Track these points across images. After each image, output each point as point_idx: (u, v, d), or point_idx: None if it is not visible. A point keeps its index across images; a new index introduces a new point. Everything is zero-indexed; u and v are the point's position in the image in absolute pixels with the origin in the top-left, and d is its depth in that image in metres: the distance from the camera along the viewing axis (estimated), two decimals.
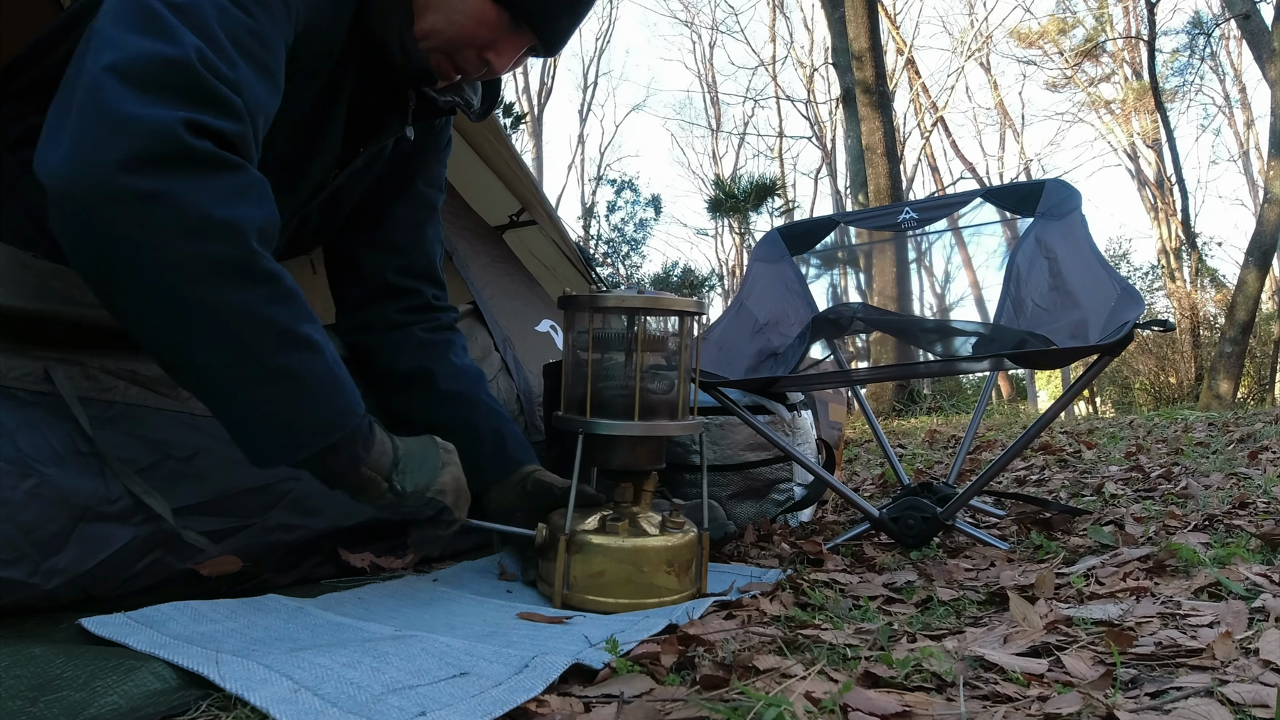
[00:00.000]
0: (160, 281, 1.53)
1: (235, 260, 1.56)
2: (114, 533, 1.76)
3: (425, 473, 1.99)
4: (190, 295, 1.55)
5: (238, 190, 1.57)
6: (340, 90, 2.11)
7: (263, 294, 1.61)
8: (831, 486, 2.79)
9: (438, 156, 2.59)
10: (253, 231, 1.58)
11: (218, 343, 1.60)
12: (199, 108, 1.53)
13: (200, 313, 1.57)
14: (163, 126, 1.47)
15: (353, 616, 1.84)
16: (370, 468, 1.88)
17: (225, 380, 1.65)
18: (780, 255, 3.69)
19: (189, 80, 1.53)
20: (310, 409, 1.72)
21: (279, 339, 1.64)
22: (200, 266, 1.53)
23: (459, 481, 2.07)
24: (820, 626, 1.76)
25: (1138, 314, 2.37)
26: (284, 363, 1.65)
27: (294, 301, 1.67)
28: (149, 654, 1.42)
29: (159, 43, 1.52)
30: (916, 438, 7.84)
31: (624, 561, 2.06)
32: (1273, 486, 3.16)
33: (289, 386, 1.67)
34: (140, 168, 1.46)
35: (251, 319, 1.60)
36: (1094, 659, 1.47)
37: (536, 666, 1.46)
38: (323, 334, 1.74)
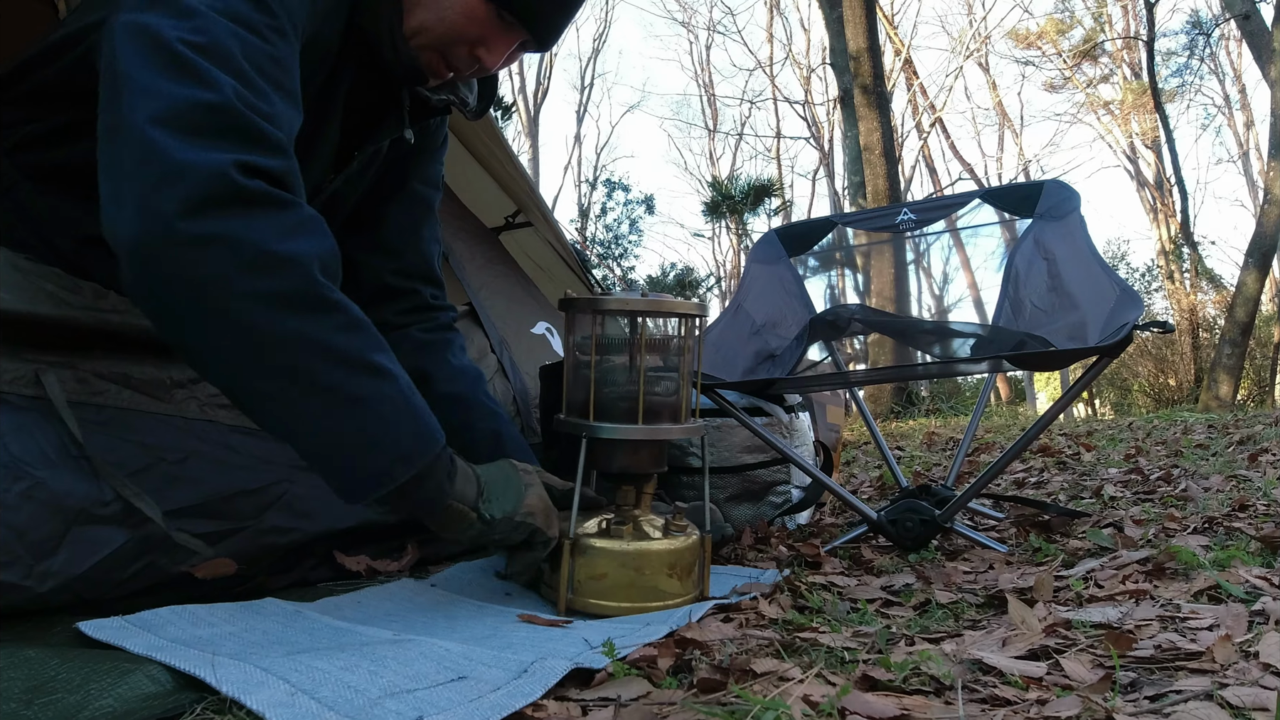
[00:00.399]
0: (228, 321, 1.55)
1: (299, 292, 1.59)
2: (107, 536, 1.76)
3: (510, 498, 2.00)
4: (259, 330, 1.57)
5: (294, 226, 1.60)
6: (336, 92, 2.11)
7: (330, 323, 1.63)
8: (829, 489, 2.79)
9: (433, 156, 2.59)
10: (314, 263, 1.61)
11: (292, 375, 1.62)
12: (246, 149, 1.56)
13: (270, 346, 1.59)
14: (215, 171, 1.50)
15: (351, 620, 1.84)
16: (457, 499, 1.89)
17: (304, 413, 1.67)
18: (778, 256, 3.69)
19: (233, 123, 1.56)
20: (391, 438, 1.73)
21: (351, 367, 1.66)
22: (265, 301, 1.55)
23: (545, 501, 2.07)
24: (818, 629, 1.76)
25: (1137, 315, 2.38)
26: (359, 390, 1.67)
27: (363, 330, 1.69)
28: (145, 657, 1.42)
29: (196, 89, 1.55)
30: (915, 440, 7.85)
31: (627, 565, 2.06)
32: (1273, 489, 3.16)
33: (365, 415, 1.69)
34: (199, 212, 1.49)
35: (320, 348, 1.62)
36: (1093, 662, 1.47)
37: (535, 671, 1.46)
38: (395, 362, 1.76)
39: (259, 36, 1.68)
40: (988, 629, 1.74)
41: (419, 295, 2.57)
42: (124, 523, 1.78)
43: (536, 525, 2.02)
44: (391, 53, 2.07)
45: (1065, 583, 2.06)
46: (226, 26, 1.63)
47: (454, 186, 3.90)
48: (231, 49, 1.61)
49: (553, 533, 2.07)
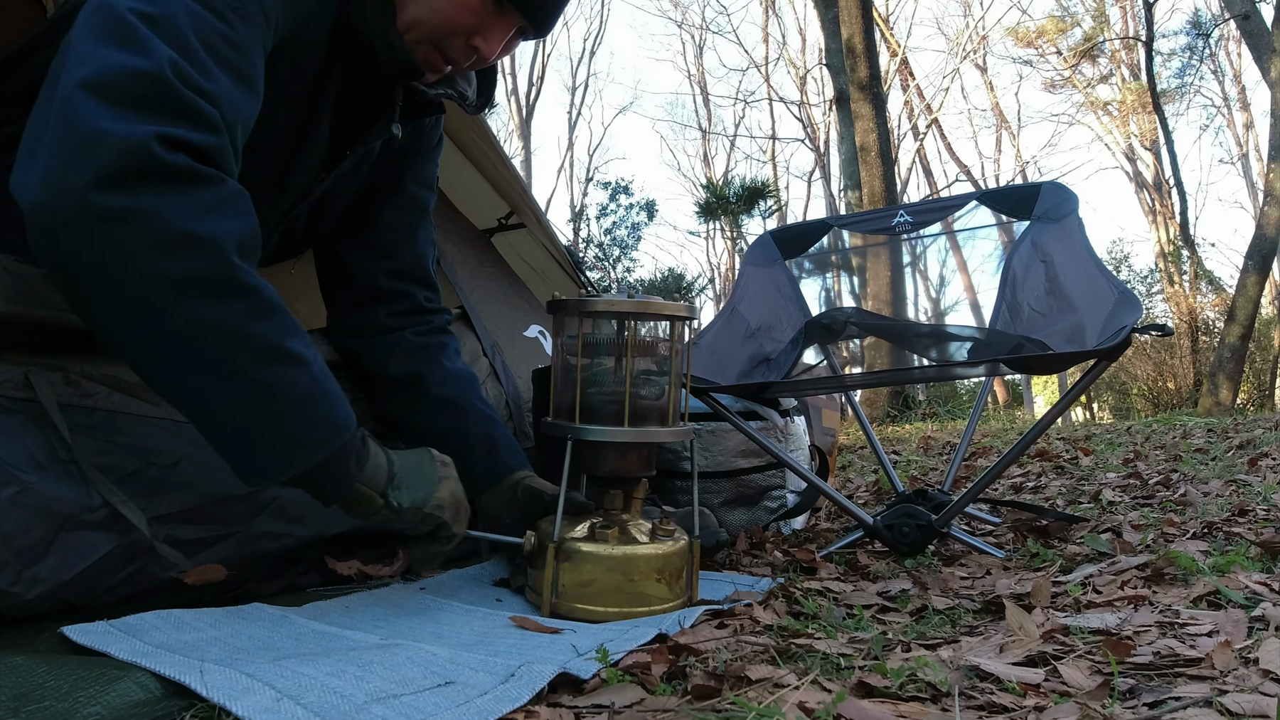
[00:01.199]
0: (137, 299, 1.54)
1: (213, 275, 1.56)
2: (96, 541, 1.76)
3: (422, 488, 1.99)
4: (168, 312, 1.55)
5: (214, 204, 1.57)
6: (326, 92, 2.10)
7: (242, 309, 1.61)
8: (825, 493, 2.79)
9: (428, 156, 2.58)
10: (231, 245, 1.58)
11: (198, 359, 1.61)
12: (172, 121, 1.54)
13: (179, 329, 1.57)
14: (134, 142, 1.48)
15: (338, 625, 1.84)
16: (364, 484, 1.88)
17: (208, 397, 1.66)
18: (773, 259, 3.70)
19: (162, 93, 1.54)
20: (297, 425, 1.72)
21: (260, 354, 1.64)
22: (177, 282, 1.53)
23: (456, 495, 2.07)
24: (813, 635, 1.76)
25: (1135, 318, 2.38)
26: (267, 378, 1.65)
27: (276, 315, 1.67)
28: (132, 663, 1.42)
29: (131, 55, 1.53)
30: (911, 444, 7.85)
31: (614, 570, 2.05)
32: (1272, 494, 3.17)
33: (273, 402, 1.67)
34: (113, 185, 1.47)
35: (231, 334, 1.60)
36: (1091, 668, 1.47)
37: (523, 676, 1.46)
38: (309, 348, 1.74)
39: (218, 16, 1.67)
40: (985, 635, 1.74)
41: (413, 298, 2.56)
42: (112, 528, 1.78)
43: (443, 519, 2.03)
44: (386, 50, 2.05)
45: (1063, 588, 2.06)
46: (184, 3, 1.63)
47: (445, 188, 3.89)
48: (182, 24, 1.60)
49: (459, 529, 2.08)
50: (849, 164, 17.49)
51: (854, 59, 16.09)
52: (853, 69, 16.14)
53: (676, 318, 2.26)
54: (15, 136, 1.82)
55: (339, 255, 2.52)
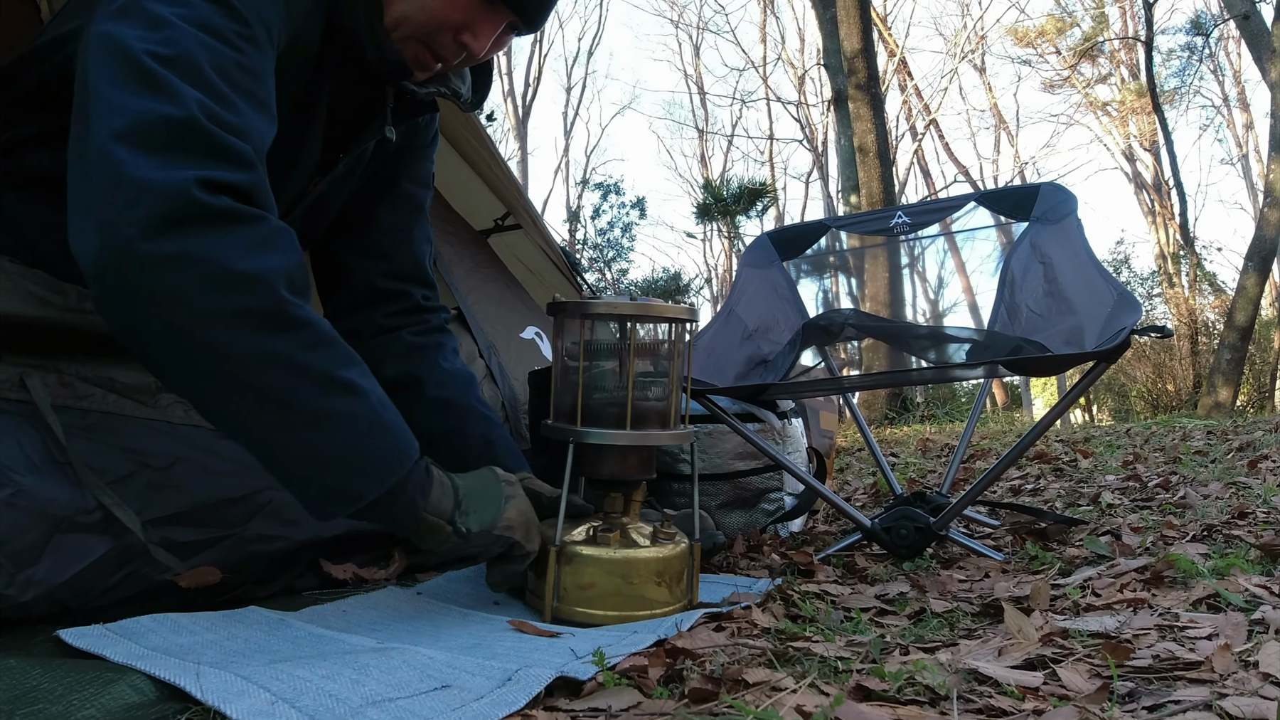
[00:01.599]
0: (195, 341, 1.56)
1: (265, 310, 1.58)
2: (91, 544, 1.76)
3: (489, 510, 1.99)
4: (224, 349, 1.57)
5: (259, 242, 1.59)
6: (319, 95, 2.11)
7: (297, 341, 1.63)
8: (822, 496, 2.79)
9: (423, 154, 2.58)
10: (280, 280, 1.60)
11: (259, 394, 1.63)
12: (210, 163, 1.56)
13: (236, 365, 1.59)
14: (176, 188, 1.50)
15: (334, 629, 1.84)
16: (432, 512, 1.88)
17: (271, 432, 1.68)
18: (770, 260, 3.69)
19: (196, 137, 1.55)
20: (360, 454, 1.73)
21: (319, 385, 1.65)
22: (230, 319, 1.56)
23: (524, 514, 2.06)
24: (811, 639, 1.76)
25: (1135, 320, 2.38)
26: (327, 408, 1.67)
27: (332, 346, 1.69)
28: (127, 666, 1.42)
29: (160, 103, 1.54)
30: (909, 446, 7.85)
31: (614, 573, 2.05)
32: (1272, 496, 3.17)
33: (335, 432, 1.69)
34: (160, 232, 1.49)
35: (288, 366, 1.62)
36: (1090, 672, 1.47)
37: (520, 679, 1.46)
38: (368, 377, 1.76)
39: (229, 45, 1.68)
40: (983, 638, 1.74)
41: (410, 297, 2.56)
42: (107, 530, 1.78)
43: (515, 539, 2.01)
44: (374, 50, 2.06)
45: (1062, 591, 2.06)
46: (196, 37, 1.64)
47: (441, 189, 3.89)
48: (199, 60, 1.62)
49: (532, 546, 2.06)
50: (847, 165, 17.47)
51: (852, 59, 16.08)
52: (851, 69, 16.13)
53: (678, 320, 2.25)
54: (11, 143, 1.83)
55: (335, 257, 2.53)
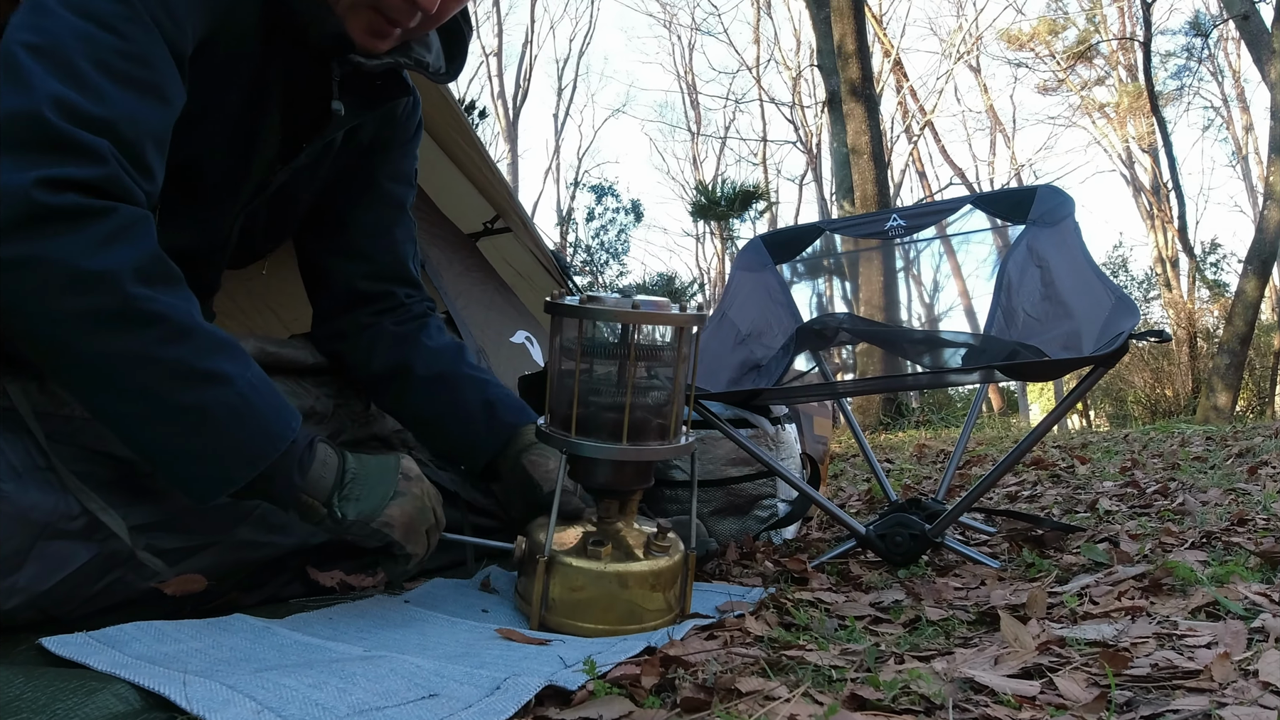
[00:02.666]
0: (49, 340, 1.60)
1: (115, 309, 1.60)
2: (74, 550, 1.76)
3: (371, 501, 1.97)
4: (79, 349, 1.61)
5: (107, 237, 1.60)
6: (268, 82, 2.08)
7: (150, 337, 1.64)
8: (816, 502, 2.79)
9: (402, 150, 2.55)
10: (128, 275, 1.61)
11: (118, 390, 1.66)
12: (54, 160, 1.56)
13: (94, 365, 1.62)
14: (15, 190, 1.52)
15: (321, 637, 1.84)
16: (308, 491, 1.89)
17: (137, 425, 1.71)
18: (763, 264, 3.69)
19: (40, 133, 1.56)
20: (230, 442, 1.75)
21: (179, 379, 1.67)
22: (81, 320, 1.58)
23: (409, 513, 2.03)
24: (805, 647, 1.76)
25: (1133, 324, 2.38)
26: (190, 401, 1.69)
27: (190, 337, 1.69)
28: (111, 675, 1.42)
29: (12, 95, 1.56)
30: (904, 452, 7.85)
31: (606, 587, 2.05)
32: (1272, 502, 3.17)
33: (202, 424, 1.71)
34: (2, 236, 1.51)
35: (144, 364, 1.64)
36: (1088, 681, 1.48)
37: (508, 688, 1.46)
38: (236, 360, 1.77)
39: (109, 31, 1.67)
40: (979, 647, 1.75)
41: (393, 296, 2.55)
42: (91, 537, 1.78)
43: (393, 538, 2.00)
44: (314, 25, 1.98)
45: (1059, 599, 2.06)
46: (71, 24, 1.65)
47: (430, 191, 3.90)
48: (69, 48, 1.63)
49: (414, 549, 2.05)
50: (841, 167, 17.49)
51: (846, 60, 16.08)
52: (845, 70, 16.13)
53: (684, 325, 2.19)
54: None
55: (316, 261, 2.54)
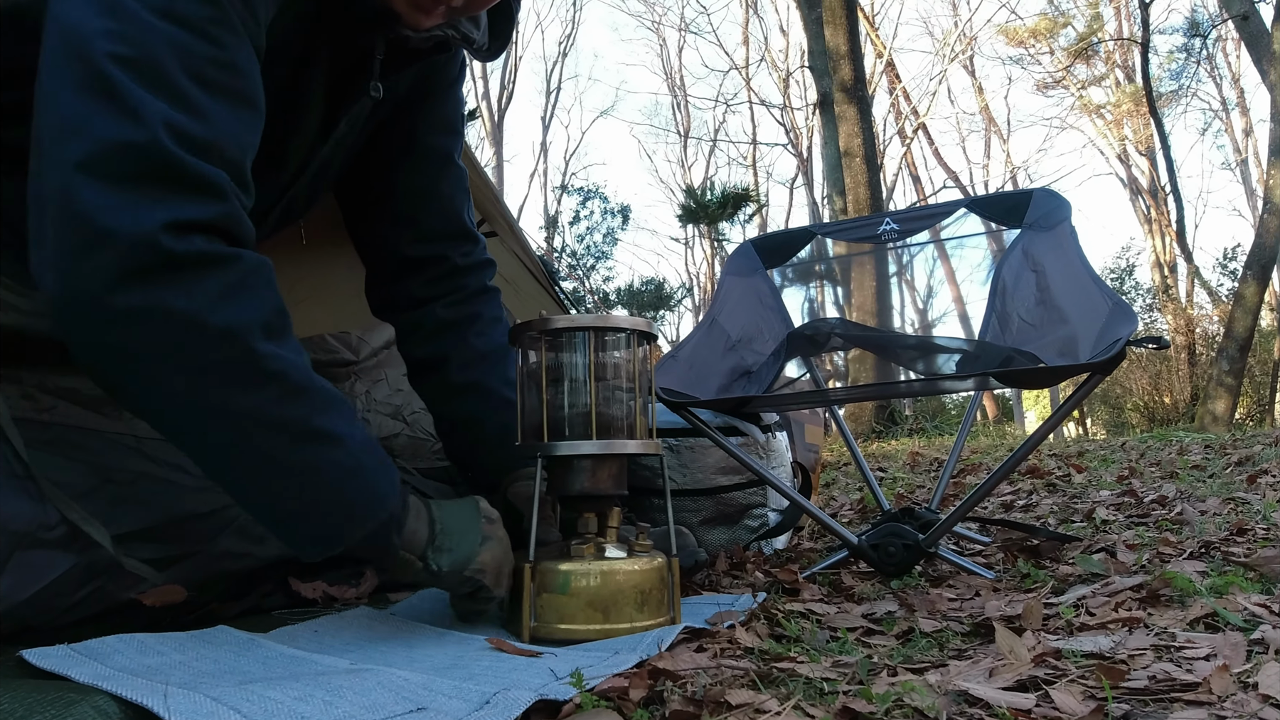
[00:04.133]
0: (166, 394, 1.58)
1: (235, 365, 1.59)
2: (53, 560, 1.76)
3: (463, 550, 2.00)
4: (196, 404, 1.59)
5: (231, 287, 1.58)
6: (317, 58, 2.05)
7: (269, 396, 1.63)
8: (808, 512, 2.79)
9: (443, 96, 2.51)
10: (254, 330, 1.60)
11: (233, 447, 1.65)
12: (178, 199, 1.53)
13: (209, 419, 1.61)
14: (142, 237, 1.48)
15: (306, 649, 1.84)
16: (405, 548, 1.91)
17: (251, 481, 1.71)
18: (754, 268, 3.70)
19: (162, 167, 1.52)
20: (336, 503, 1.76)
21: (294, 437, 1.67)
22: (202, 376, 1.57)
23: (498, 558, 2.07)
24: (796, 659, 1.76)
25: (1130, 330, 2.38)
26: (302, 460, 1.69)
27: (307, 396, 1.69)
28: (92, 686, 1.42)
29: (123, 125, 1.50)
30: (897, 461, 7.86)
31: (591, 586, 2.06)
32: (1272, 512, 3.18)
33: (310, 483, 1.71)
34: (127, 284, 1.48)
35: (260, 421, 1.63)
36: (1084, 693, 1.48)
37: (498, 703, 1.46)
38: (347, 419, 1.77)
39: (200, 36, 1.61)
40: (974, 659, 1.75)
41: (446, 260, 2.55)
42: (70, 546, 1.78)
43: (484, 583, 2.03)
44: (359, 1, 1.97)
45: (1055, 610, 2.06)
46: (161, 31, 1.57)
47: None
48: (164, 60, 1.57)
49: (500, 591, 2.08)
50: (833, 170, 17.50)
51: (838, 61, 16.10)
52: (837, 71, 16.15)
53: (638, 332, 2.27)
54: None
55: (366, 229, 2.54)
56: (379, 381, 3.31)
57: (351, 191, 2.50)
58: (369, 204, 2.49)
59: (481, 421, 2.49)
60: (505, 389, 2.51)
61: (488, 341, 2.57)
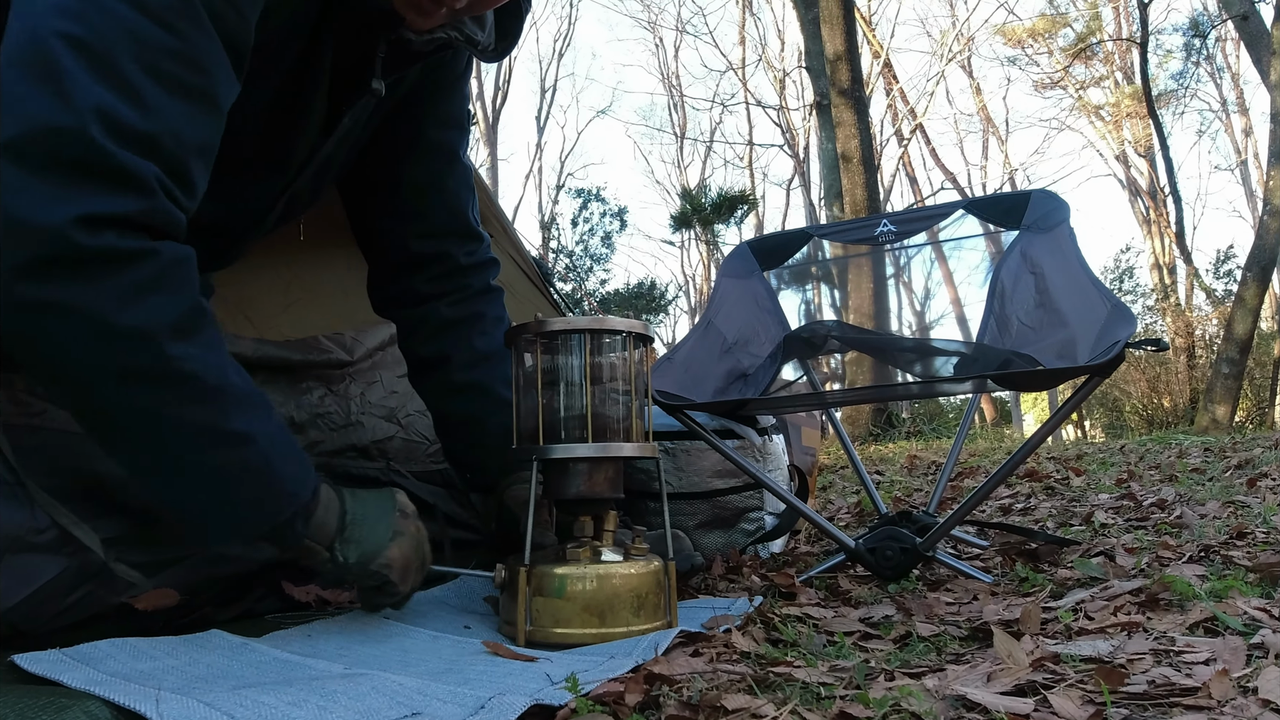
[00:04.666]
0: (74, 387, 1.58)
1: (144, 367, 1.57)
2: (43, 564, 1.76)
3: (372, 543, 1.99)
4: (104, 401, 1.59)
5: (143, 285, 1.56)
6: (321, 56, 2.01)
7: (179, 396, 1.62)
8: (804, 515, 2.79)
9: (449, 91, 2.48)
10: (164, 330, 1.58)
11: (141, 445, 1.65)
12: (95, 191, 1.49)
13: (118, 417, 1.61)
14: (52, 230, 1.45)
15: (300, 654, 1.84)
16: (312, 536, 1.90)
17: (157, 477, 1.70)
18: (750, 270, 3.69)
19: (84, 155, 1.48)
20: (246, 501, 1.76)
21: (204, 438, 1.66)
22: (108, 374, 1.55)
23: (408, 555, 2.07)
24: (793, 664, 1.76)
25: (1129, 333, 2.38)
26: (213, 461, 1.69)
27: (218, 396, 1.68)
28: (83, 691, 1.42)
29: (53, 107, 1.47)
30: (895, 464, 7.86)
31: (587, 590, 2.06)
32: (1272, 515, 3.18)
33: (221, 483, 1.71)
34: (35, 275, 1.46)
35: (170, 422, 1.63)
36: (1083, 698, 1.48)
37: (493, 708, 1.46)
38: (260, 417, 1.76)
39: (161, 26, 1.56)
40: (972, 663, 1.75)
41: (449, 258, 2.54)
42: (60, 551, 1.78)
43: (389, 579, 2.03)
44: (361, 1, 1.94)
45: (1053, 614, 2.06)
46: (119, 16, 1.52)
47: None
48: (117, 47, 1.52)
49: (405, 588, 2.09)
50: (830, 171, 17.50)
51: (835, 62, 16.09)
52: (833, 72, 16.14)
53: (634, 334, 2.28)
54: None
55: (369, 222, 2.53)
56: (373, 383, 3.30)
57: (355, 186, 2.48)
58: (373, 198, 2.48)
59: (482, 422, 2.48)
60: (507, 390, 2.49)
61: (490, 341, 2.56)
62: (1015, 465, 2.63)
